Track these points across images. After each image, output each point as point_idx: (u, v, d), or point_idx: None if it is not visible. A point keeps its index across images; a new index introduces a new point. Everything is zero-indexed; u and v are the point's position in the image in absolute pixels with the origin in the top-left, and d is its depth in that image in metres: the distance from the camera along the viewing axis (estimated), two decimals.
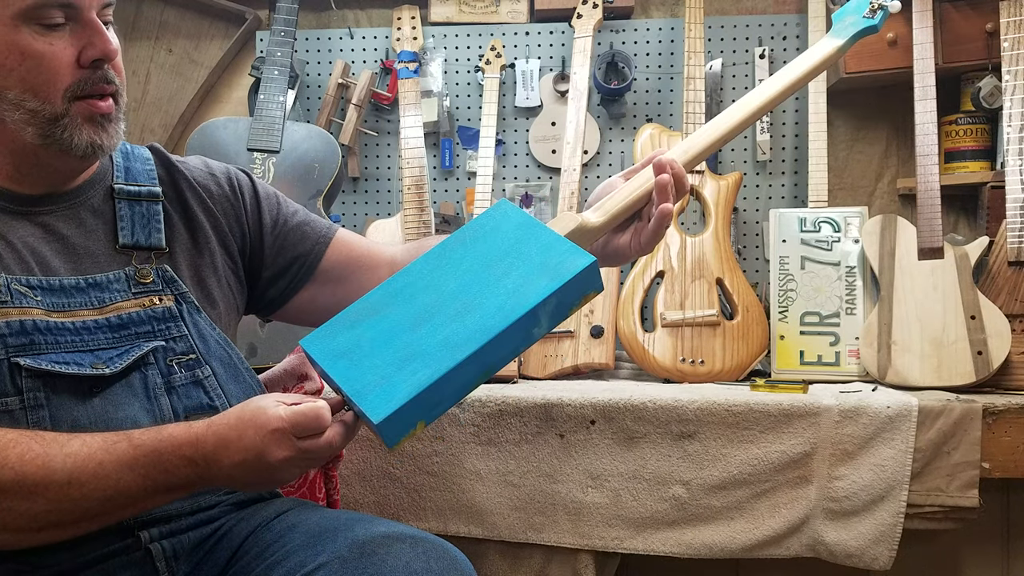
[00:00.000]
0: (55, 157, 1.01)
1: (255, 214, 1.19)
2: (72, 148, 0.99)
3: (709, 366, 1.81)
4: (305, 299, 1.22)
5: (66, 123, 0.98)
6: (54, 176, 1.04)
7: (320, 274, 1.21)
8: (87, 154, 1.00)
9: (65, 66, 0.96)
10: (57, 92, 0.96)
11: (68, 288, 1.00)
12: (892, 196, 2.18)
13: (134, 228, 1.07)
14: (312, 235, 1.21)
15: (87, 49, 0.97)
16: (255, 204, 1.19)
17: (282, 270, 1.20)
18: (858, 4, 1.13)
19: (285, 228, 1.20)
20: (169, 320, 1.04)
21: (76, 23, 0.96)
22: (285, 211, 1.21)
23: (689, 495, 1.53)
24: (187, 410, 1.02)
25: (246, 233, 1.18)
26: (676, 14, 2.22)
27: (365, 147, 2.26)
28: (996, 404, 1.52)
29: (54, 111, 0.97)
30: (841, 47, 1.12)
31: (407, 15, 2.16)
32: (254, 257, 1.19)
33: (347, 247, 1.23)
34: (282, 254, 1.19)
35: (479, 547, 1.58)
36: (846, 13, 1.14)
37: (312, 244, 1.21)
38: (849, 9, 1.14)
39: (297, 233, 1.20)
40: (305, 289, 1.21)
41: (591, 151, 2.20)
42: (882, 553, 1.49)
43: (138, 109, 2.31)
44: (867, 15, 1.11)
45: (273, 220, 1.19)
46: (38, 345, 0.96)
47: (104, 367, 0.97)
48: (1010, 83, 1.74)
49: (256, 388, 1.11)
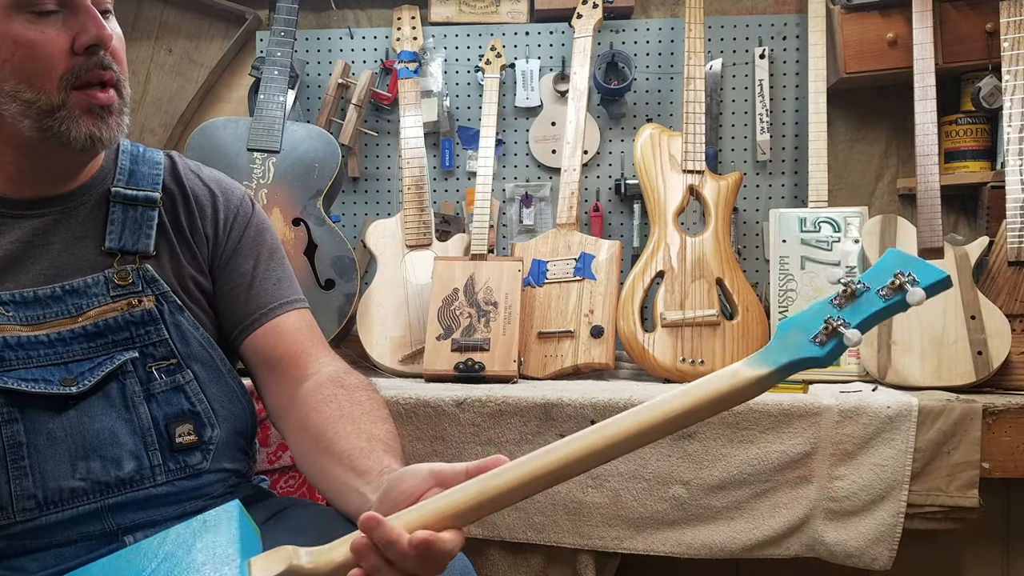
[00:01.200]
0: (54, 151, 0.98)
1: (232, 249, 1.12)
2: (70, 141, 0.96)
3: (709, 366, 1.81)
4: (242, 360, 1.14)
5: (63, 115, 0.95)
6: (54, 175, 1.03)
7: (246, 350, 1.11)
8: (86, 147, 0.97)
9: (59, 53, 0.94)
10: (52, 81, 0.94)
11: (43, 299, 0.99)
12: (892, 196, 2.18)
13: (123, 233, 1.05)
14: (254, 306, 1.11)
15: (80, 35, 0.94)
16: (237, 240, 1.13)
17: (223, 323, 1.12)
18: (813, 316, 0.76)
19: (238, 283, 1.12)
20: (149, 324, 1.03)
21: (69, 9, 0.94)
22: (252, 267, 1.13)
23: (689, 495, 1.53)
24: (167, 417, 1.01)
25: (215, 264, 1.12)
26: (676, 14, 2.22)
27: (365, 147, 2.26)
28: (996, 404, 1.52)
29: (50, 102, 0.94)
30: (761, 378, 0.74)
31: (407, 15, 2.16)
32: (213, 287, 1.12)
33: (277, 340, 1.10)
34: (225, 309, 1.12)
35: (479, 547, 1.58)
36: (791, 327, 0.76)
37: (248, 315, 1.11)
38: (796, 322, 0.76)
39: (245, 296, 1.11)
40: (238, 351, 1.13)
41: (591, 151, 2.20)
42: (882, 553, 1.49)
43: (138, 109, 2.31)
44: (818, 340, 0.74)
45: (238, 269, 1.12)
46: (8, 361, 0.95)
47: (73, 384, 0.97)
48: (1010, 83, 1.74)
49: (239, 391, 1.09)
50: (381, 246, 2.02)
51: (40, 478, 0.95)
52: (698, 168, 1.93)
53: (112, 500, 0.97)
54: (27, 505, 0.94)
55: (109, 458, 0.97)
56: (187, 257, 1.09)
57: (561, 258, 1.94)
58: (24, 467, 0.95)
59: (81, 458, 0.96)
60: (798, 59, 2.17)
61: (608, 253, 1.92)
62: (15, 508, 0.94)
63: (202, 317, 1.09)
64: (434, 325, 1.88)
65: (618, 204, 2.22)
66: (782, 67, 2.19)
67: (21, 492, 0.94)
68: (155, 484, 1.00)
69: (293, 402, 1.06)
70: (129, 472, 0.98)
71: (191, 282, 1.09)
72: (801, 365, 0.75)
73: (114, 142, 1.01)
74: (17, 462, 0.94)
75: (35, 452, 0.95)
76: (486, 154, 2.04)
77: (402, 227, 2.02)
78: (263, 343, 1.10)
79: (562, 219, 1.98)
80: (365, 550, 0.72)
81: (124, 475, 0.98)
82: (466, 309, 1.89)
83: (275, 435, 1.53)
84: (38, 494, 0.95)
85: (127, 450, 0.98)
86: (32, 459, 0.95)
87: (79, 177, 1.05)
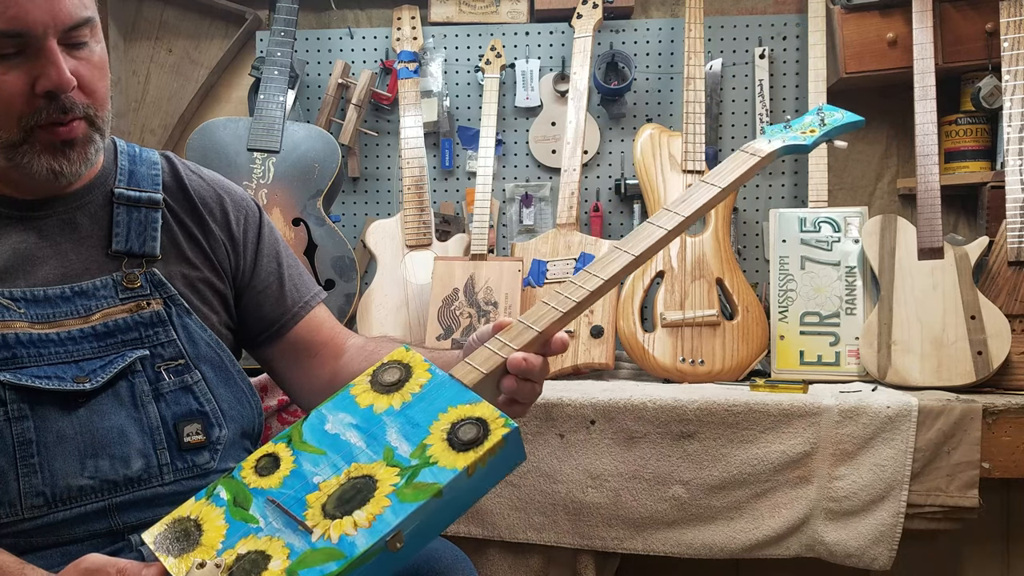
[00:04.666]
0: (27, 177, 1.00)
1: (253, 251, 1.17)
2: (33, 174, 0.98)
3: (709, 366, 1.81)
4: (263, 357, 1.21)
5: (25, 149, 0.96)
6: (46, 185, 1.03)
7: (284, 343, 1.19)
8: (49, 179, 0.99)
9: (17, 96, 0.93)
10: (11, 121, 0.95)
11: (53, 298, 1.00)
12: (892, 196, 2.18)
13: (129, 234, 1.06)
14: (290, 302, 1.19)
15: (40, 80, 0.93)
16: (256, 241, 1.17)
17: (252, 323, 1.18)
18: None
19: (268, 282, 1.18)
20: (157, 325, 1.04)
21: (29, 53, 0.93)
22: (277, 266, 1.19)
23: (689, 495, 1.53)
24: (176, 417, 1.02)
25: (240, 266, 1.15)
26: (676, 14, 2.22)
27: (365, 147, 2.26)
28: (996, 404, 1.52)
29: (11, 138, 0.96)
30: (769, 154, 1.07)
31: (407, 15, 2.16)
32: (236, 292, 1.17)
33: (316, 328, 1.20)
34: (257, 309, 1.17)
35: (479, 547, 1.58)
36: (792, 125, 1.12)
37: (284, 311, 1.18)
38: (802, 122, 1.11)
39: (278, 293, 1.18)
40: (265, 349, 1.20)
41: (591, 151, 2.20)
42: (882, 553, 1.49)
43: (138, 109, 2.31)
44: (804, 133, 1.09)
45: (264, 269, 1.17)
46: (20, 359, 0.96)
47: (86, 381, 0.98)
48: (1010, 83, 1.74)
49: (247, 391, 1.10)
50: (381, 246, 2.02)
51: (49, 475, 0.95)
52: (698, 168, 1.93)
53: (119, 499, 0.98)
54: (35, 502, 0.95)
55: (118, 457, 0.98)
56: (200, 259, 1.11)
57: (561, 258, 1.94)
58: (33, 464, 0.95)
59: (90, 456, 0.97)
60: (798, 59, 2.17)
61: None
62: (23, 505, 0.95)
63: (211, 318, 1.10)
64: (434, 325, 1.88)
65: (618, 204, 2.22)
66: (782, 67, 2.19)
67: (30, 489, 0.95)
68: (163, 483, 1.00)
69: (338, 371, 1.16)
70: (137, 471, 0.99)
71: (201, 284, 1.10)
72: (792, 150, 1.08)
73: (78, 175, 1.02)
74: (26, 459, 0.95)
75: (44, 450, 0.96)
76: (486, 154, 2.04)
77: (402, 227, 2.02)
78: (305, 333, 1.19)
79: (562, 219, 1.98)
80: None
81: (132, 474, 0.99)
82: (466, 309, 1.89)
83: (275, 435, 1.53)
84: (46, 491, 0.95)
85: (135, 449, 0.99)
86: (41, 457, 0.95)
87: (79, 181, 1.06)
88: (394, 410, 0.87)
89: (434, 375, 0.90)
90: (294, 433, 0.88)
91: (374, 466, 0.83)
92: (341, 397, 0.91)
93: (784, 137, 1.09)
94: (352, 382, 0.92)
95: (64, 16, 0.93)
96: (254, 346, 1.20)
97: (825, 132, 1.09)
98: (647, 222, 1.02)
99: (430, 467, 0.81)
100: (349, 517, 0.79)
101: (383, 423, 0.86)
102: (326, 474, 0.84)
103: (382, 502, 0.79)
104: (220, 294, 1.13)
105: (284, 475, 0.85)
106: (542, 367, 0.93)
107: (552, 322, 0.93)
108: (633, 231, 1.01)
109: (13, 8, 0.90)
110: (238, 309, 1.16)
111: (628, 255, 0.98)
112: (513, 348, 0.91)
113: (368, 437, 0.86)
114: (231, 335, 1.16)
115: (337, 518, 0.79)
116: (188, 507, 0.86)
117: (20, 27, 0.91)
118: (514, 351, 0.91)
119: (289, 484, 0.84)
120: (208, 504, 0.85)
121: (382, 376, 0.91)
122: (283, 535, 0.80)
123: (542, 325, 0.93)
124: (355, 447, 0.85)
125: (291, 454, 0.87)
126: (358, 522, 0.78)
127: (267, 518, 0.82)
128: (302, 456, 0.86)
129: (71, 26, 0.94)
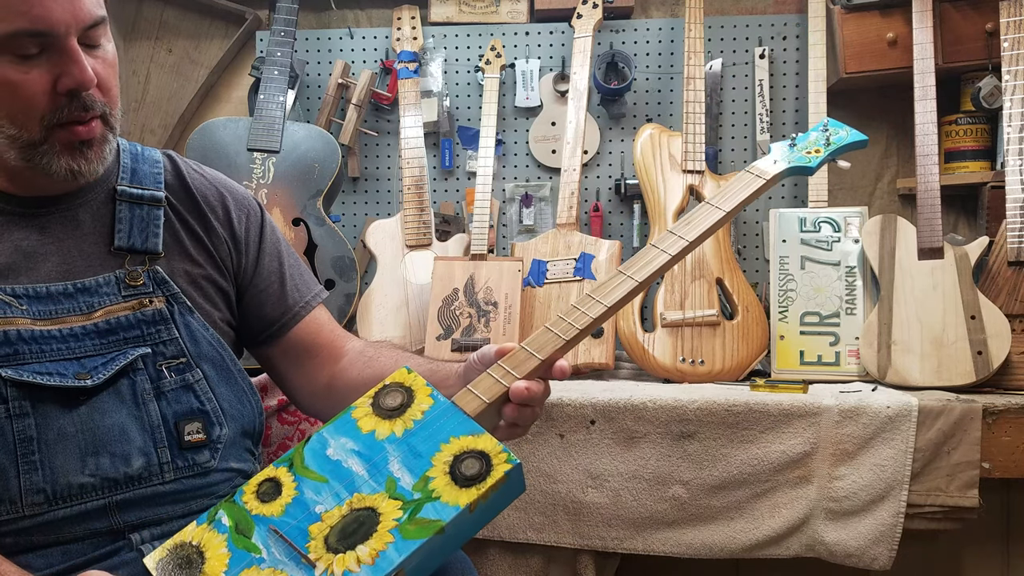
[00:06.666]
0: (41, 177, 1.01)
1: (255, 250, 1.18)
2: (52, 174, 0.99)
3: (709, 366, 1.81)
4: (264, 357, 1.22)
5: (45, 149, 0.97)
6: (52, 183, 1.04)
7: (285, 343, 1.20)
8: (67, 179, 1.00)
9: (40, 95, 0.95)
10: (34, 120, 0.96)
11: (55, 295, 1.01)
12: (892, 196, 2.18)
13: (131, 231, 1.07)
14: (291, 301, 1.20)
15: (63, 78, 0.95)
16: (258, 240, 1.18)
17: (253, 322, 1.19)
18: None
19: (270, 281, 1.19)
20: (159, 323, 1.04)
21: (52, 52, 0.94)
22: (278, 265, 1.20)
23: (689, 495, 1.53)
24: (176, 416, 1.03)
25: (243, 265, 1.16)
26: (676, 14, 2.22)
27: (365, 147, 2.26)
28: (996, 404, 1.52)
29: (32, 138, 0.96)
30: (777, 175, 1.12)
31: (407, 15, 2.16)
32: (238, 291, 1.18)
33: (317, 330, 1.21)
34: (259, 308, 1.18)
35: (479, 547, 1.58)
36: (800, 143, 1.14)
37: (286, 311, 1.19)
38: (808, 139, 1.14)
39: (279, 293, 1.19)
40: (266, 348, 1.21)
41: (591, 151, 2.20)
42: (882, 553, 1.49)
43: (138, 109, 2.31)
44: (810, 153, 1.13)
45: (266, 268, 1.18)
46: (22, 355, 0.97)
47: (88, 377, 0.98)
48: (1010, 83, 1.74)
49: (248, 391, 1.11)
50: (381, 246, 2.02)
51: (50, 473, 0.96)
52: (698, 168, 1.93)
53: (120, 497, 0.98)
54: (36, 500, 0.95)
55: (118, 454, 0.98)
56: (202, 256, 1.11)
57: (561, 258, 1.94)
58: (34, 461, 0.95)
59: (91, 454, 0.97)
60: (798, 59, 2.17)
61: (608, 253, 1.92)
62: (24, 502, 0.95)
63: (213, 315, 1.10)
64: (434, 325, 1.88)
65: (618, 204, 2.22)
66: (782, 67, 2.19)
67: (30, 486, 0.95)
68: (163, 481, 1.00)
69: (336, 374, 1.17)
70: (138, 469, 0.99)
71: (204, 280, 1.11)
72: (795, 171, 1.12)
73: (95, 173, 1.02)
74: (27, 456, 0.95)
75: (45, 447, 0.96)
76: (486, 154, 2.04)
77: (402, 227, 2.02)
78: (305, 334, 1.20)
79: (562, 219, 1.98)
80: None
81: (133, 472, 0.99)
82: (466, 309, 1.89)
83: (276, 435, 1.54)
84: (47, 489, 0.95)
85: (136, 447, 0.99)
86: (42, 454, 0.96)
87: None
88: (396, 437, 0.87)
89: (436, 401, 0.90)
90: (296, 457, 0.88)
91: (376, 497, 0.83)
92: (343, 420, 0.90)
93: (789, 158, 1.11)
94: (354, 404, 0.92)
95: (84, 15, 0.95)
96: (255, 345, 1.21)
97: (829, 152, 1.11)
98: (651, 245, 1.02)
99: (432, 502, 0.81)
100: (352, 552, 0.79)
101: (385, 451, 0.86)
102: (328, 504, 0.83)
103: (385, 537, 0.79)
104: (222, 291, 1.13)
105: (286, 502, 0.85)
106: (543, 393, 0.93)
107: (555, 349, 0.93)
108: (637, 254, 1.02)
109: (37, 8, 0.91)
110: (240, 308, 1.17)
111: (632, 280, 0.99)
112: (516, 376, 0.91)
113: (370, 466, 0.86)
114: (233, 333, 1.16)
115: (340, 552, 0.79)
116: (190, 532, 0.85)
117: (44, 26, 0.92)
118: (517, 379, 0.91)
119: (291, 513, 0.84)
120: (210, 530, 0.85)
121: (384, 399, 0.91)
122: (286, 568, 0.80)
123: (545, 353, 0.93)
124: (357, 476, 0.85)
125: (293, 480, 0.86)
126: (361, 558, 0.78)
127: (269, 548, 0.82)
128: (304, 483, 0.86)
129: (90, 24, 0.96)
